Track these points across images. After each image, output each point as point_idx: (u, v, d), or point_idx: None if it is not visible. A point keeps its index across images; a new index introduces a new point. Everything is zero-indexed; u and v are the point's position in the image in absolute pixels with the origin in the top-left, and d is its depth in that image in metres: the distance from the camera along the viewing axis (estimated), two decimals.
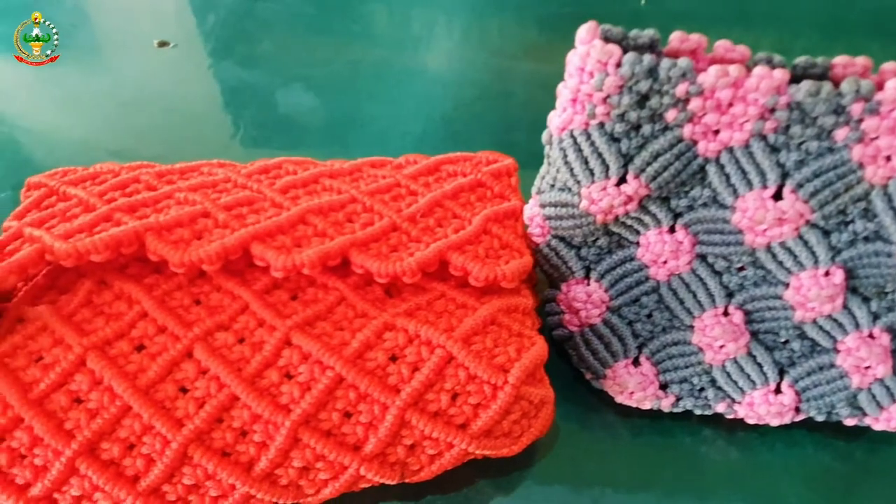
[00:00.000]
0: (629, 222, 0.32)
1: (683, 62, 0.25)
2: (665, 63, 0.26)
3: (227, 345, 0.30)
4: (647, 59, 0.26)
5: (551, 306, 0.36)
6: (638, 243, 0.33)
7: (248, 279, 0.32)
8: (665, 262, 0.32)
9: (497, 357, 0.30)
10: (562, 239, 0.34)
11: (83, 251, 0.30)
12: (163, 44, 0.55)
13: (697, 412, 0.35)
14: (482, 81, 0.55)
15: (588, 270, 0.34)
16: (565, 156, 0.30)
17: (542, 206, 0.33)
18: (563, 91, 0.29)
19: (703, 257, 0.32)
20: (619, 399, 0.35)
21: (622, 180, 0.29)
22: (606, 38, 0.27)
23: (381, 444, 0.29)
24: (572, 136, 0.29)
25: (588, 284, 0.34)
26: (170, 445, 0.28)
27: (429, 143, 0.50)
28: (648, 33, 0.28)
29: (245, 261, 0.32)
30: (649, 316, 0.34)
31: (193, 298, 0.32)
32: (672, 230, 0.32)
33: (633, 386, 0.34)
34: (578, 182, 0.30)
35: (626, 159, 0.29)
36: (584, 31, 0.27)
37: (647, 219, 0.31)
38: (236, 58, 0.55)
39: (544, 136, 0.32)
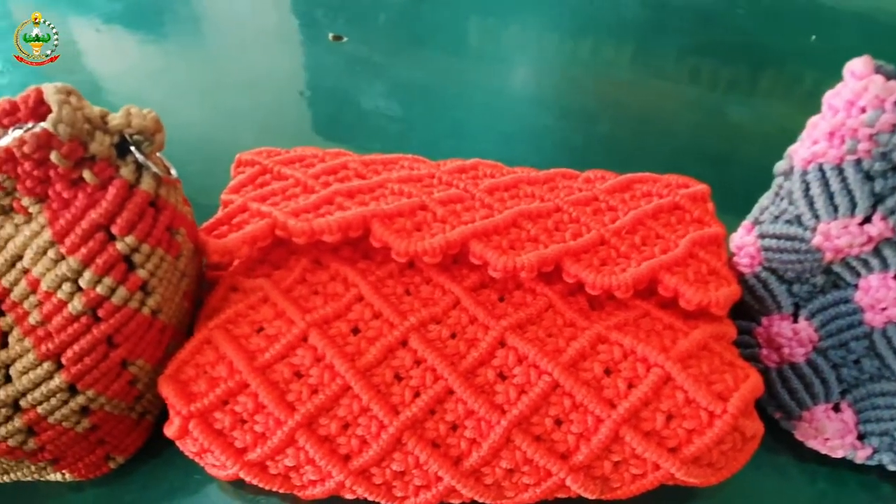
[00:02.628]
0: (854, 263, 0.31)
1: None
2: None
3: (441, 338, 0.30)
4: None
5: (745, 338, 0.35)
6: (857, 286, 0.32)
7: (455, 275, 0.33)
8: (884, 309, 0.31)
9: (715, 384, 0.29)
10: (773, 272, 0.33)
11: (317, 230, 0.31)
12: (337, 37, 0.57)
13: (892, 468, 0.33)
14: (645, 103, 0.55)
15: (797, 307, 0.33)
16: (807, 189, 0.29)
17: (762, 236, 0.32)
18: (820, 124, 0.28)
19: None
20: (811, 444, 0.34)
21: (866, 220, 0.29)
22: (881, 75, 0.27)
23: (590, 456, 0.29)
24: (821, 169, 0.29)
25: (796, 321, 0.33)
26: (386, 430, 0.28)
27: (591, 159, 0.50)
28: None
29: (451, 256, 0.33)
30: (857, 362, 0.33)
31: (404, 288, 0.32)
32: None
33: (830, 432, 0.33)
34: (817, 217, 0.29)
35: (877, 199, 0.28)
36: (861, 65, 0.26)
37: (874, 262, 0.30)
38: (405, 56, 0.57)
39: (779, 167, 0.31)
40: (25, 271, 0.27)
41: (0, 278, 0.27)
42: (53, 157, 0.25)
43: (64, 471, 0.31)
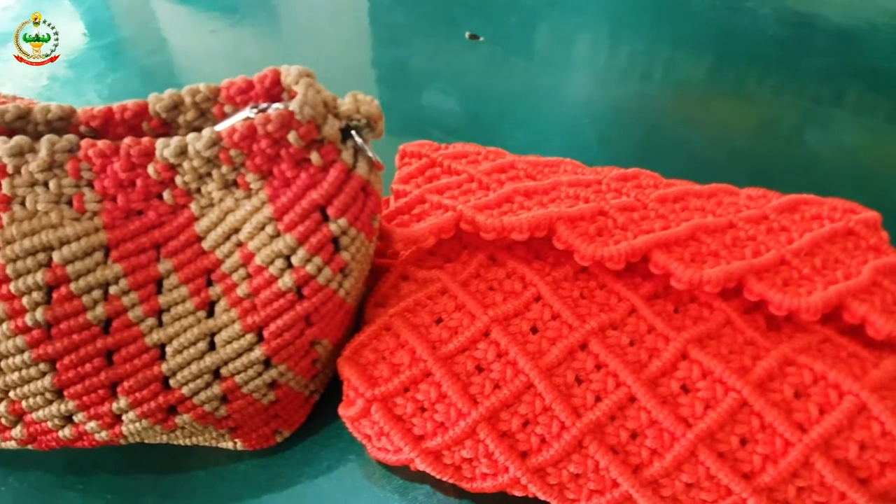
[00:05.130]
0: None
1: None
2: None
3: (621, 344, 0.30)
4: None
5: None
6: None
7: (629, 283, 0.33)
8: None
9: None
10: None
11: (508, 227, 0.31)
12: (473, 36, 0.58)
13: None
14: (787, 121, 0.54)
15: None
16: None
17: None
18: None
19: None
20: None
21: None
22: None
23: (776, 479, 0.28)
24: None
25: None
26: (568, 431, 0.28)
27: (729, 175, 0.49)
28: None
29: (626, 264, 0.33)
30: None
31: (579, 291, 0.32)
32: None
33: None
34: None
35: None
36: None
37: None
38: (538, 58, 0.57)
39: None
40: (240, 244, 0.28)
41: (215, 249, 0.28)
42: (291, 137, 0.25)
43: (237, 440, 0.32)
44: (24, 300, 0.26)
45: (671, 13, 0.65)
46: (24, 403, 0.28)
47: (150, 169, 0.27)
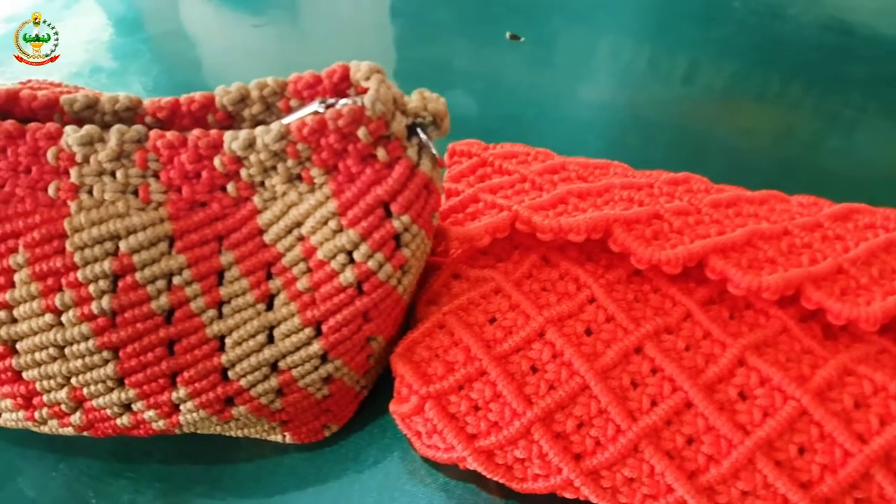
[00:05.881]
0: None
1: None
2: None
3: (676, 349, 0.30)
4: None
5: None
6: None
7: (683, 288, 0.33)
8: None
9: None
10: None
11: (565, 228, 0.31)
12: (514, 37, 0.58)
13: None
14: (832, 130, 0.53)
15: None
16: None
17: None
18: None
19: None
20: None
21: None
22: None
23: (835, 490, 0.28)
24: None
25: None
26: (624, 435, 0.28)
27: (769, 181, 0.49)
28: None
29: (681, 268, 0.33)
30: None
31: (633, 295, 0.32)
32: None
33: None
34: None
35: None
36: None
37: None
38: (578, 60, 0.56)
39: None
40: (301, 238, 0.28)
41: (276, 242, 0.28)
42: (361, 132, 0.25)
43: (287, 433, 0.32)
44: (91, 288, 0.26)
45: (713, 18, 0.65)
46: (85, 390, 0.28)
47: (217, 161, 0.27)
